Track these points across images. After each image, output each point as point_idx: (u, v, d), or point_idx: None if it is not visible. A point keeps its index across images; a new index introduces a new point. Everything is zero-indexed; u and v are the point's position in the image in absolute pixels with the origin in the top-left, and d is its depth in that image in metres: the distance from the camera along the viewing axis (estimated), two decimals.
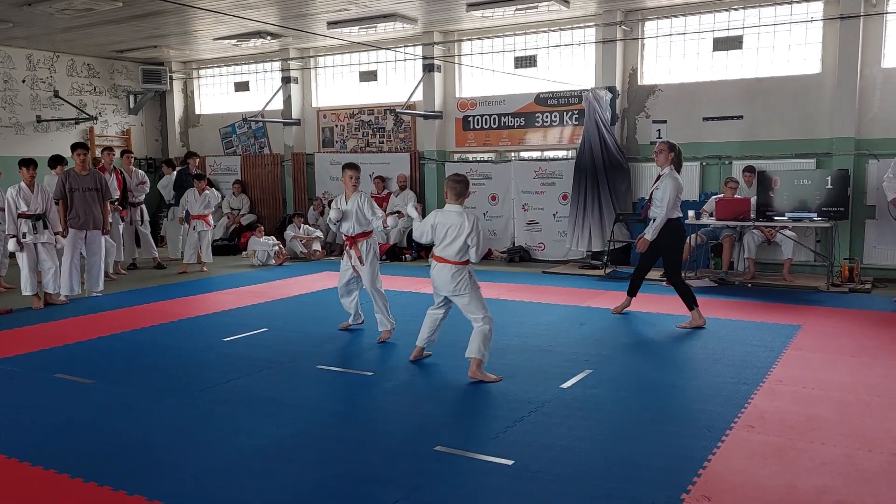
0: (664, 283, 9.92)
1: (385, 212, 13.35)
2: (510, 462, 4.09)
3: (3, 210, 9.15)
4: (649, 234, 7.40)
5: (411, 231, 13.03)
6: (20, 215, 8.72)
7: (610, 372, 5.85)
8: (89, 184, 9.30)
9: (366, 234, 7.08)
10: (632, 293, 8.07)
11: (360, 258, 6.97)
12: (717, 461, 4.07)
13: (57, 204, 9.11)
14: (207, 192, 11.85)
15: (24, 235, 8.76)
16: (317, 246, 13.31)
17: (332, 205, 7.13)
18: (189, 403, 5.24)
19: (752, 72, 10.85)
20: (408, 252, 12.99)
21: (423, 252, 13.05)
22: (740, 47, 10.92)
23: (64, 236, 9.12)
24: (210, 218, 11.88)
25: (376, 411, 5.15)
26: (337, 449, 4.40)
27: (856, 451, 4.22)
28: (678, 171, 7.42)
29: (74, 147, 9.41)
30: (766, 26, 10.65)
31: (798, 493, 3.71)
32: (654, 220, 7.36)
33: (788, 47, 10.62)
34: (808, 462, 4.10)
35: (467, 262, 5.72)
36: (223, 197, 14.74)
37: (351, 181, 7.05)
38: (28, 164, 8.84)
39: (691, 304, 7.37)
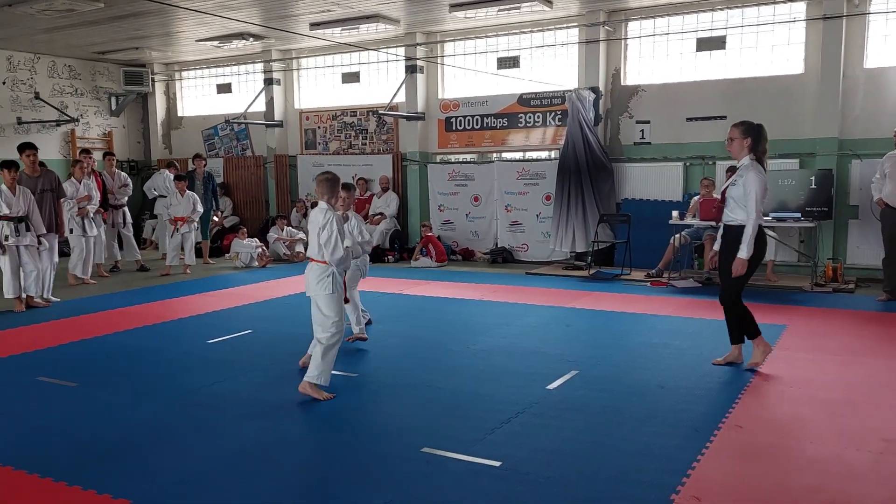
0: (649, 284, 9.98)
1: (368, 214, 13.39)
2: (498, 464, 4.06)
3: None
4: (744, 251, 5.56)
5: (394, 233, 13.14)
6: (1, 218, 8.60)
7: (596, 373, 5.84)
8: (43, 185, 9.17)
9: None
10: (741, 339, 5.99)
11: None
12: (706, 461, 4.07)
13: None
14: (190, 194, 11.75)
15: (6, 238, 8.63)
16: (300, 248, 13.22)
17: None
18: (173, 406, 5.18)
19: (736, 72, 10.90)
20: (390, 254, 12.95)
21: (405, 254, 13.02)
22: (723, 48, 10.97)
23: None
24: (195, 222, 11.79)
25: (361, 413, 5.11)
26: (322, 451, 4.37)
27: (844, 449, 4.23)
28: (762, 162, 5.73)
29: (22, 148, 9.24)
30: (749, 27, 10.71)
31: (789, 493, 3.71)
32: (745, 227, 5.57)
33: (772, 48, 10.68)
34: (798, 461, 4.10)
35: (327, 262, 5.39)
36: (220, 209, 14.63)
37: (340, 202, 6.74)
38: (9, 165, 8.69)
39: (751, 332, 5.91)
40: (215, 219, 13.84)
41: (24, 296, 8.83)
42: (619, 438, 4.45)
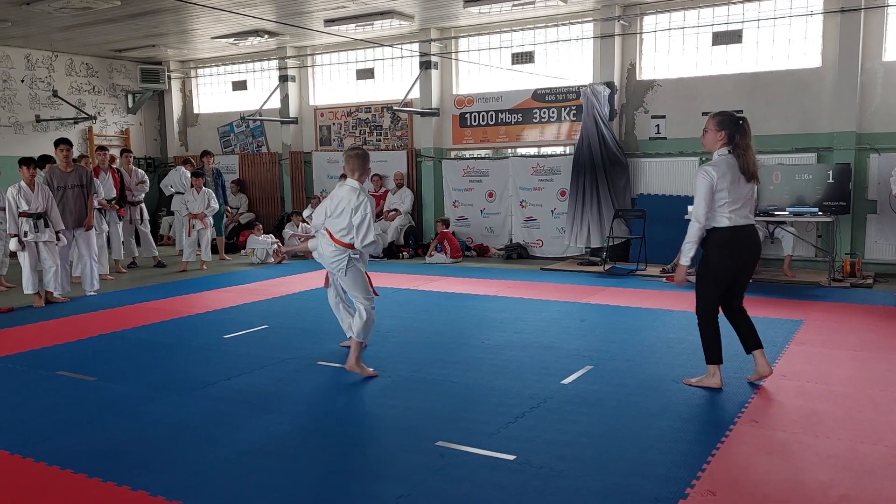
0: (664, 280, 9.95)
1: (383, 210, 13.43)
2: (512, 457, 4.07)
3: (4, 209, 9.12)
4: (683, 255, 5.23)
5: (408, 229, 13.16)
6: (21, 214, 8.70)
7: (611, 367, 5.84)
8: (74, 181, 9.27)
9: None
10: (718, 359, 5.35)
11: None
12: (721, 456, 4.06)
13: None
14: (206, 191, 11.83)
15: (26, 234, 8.73)
16: None
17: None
18: (190, 400, 5.23)
19: (752, 66, 10.84)
20: (405, 250, 12.97)
21: (419, 250, 13.04)
22: (740, 42, 10.91)
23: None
24: (209, 218, 11.86)
25: (377, 407, 5.14)
26: (338, 445, 4.39)
27: (860, 444, 4.21)
28: (744, 157, 5.06)
29: (57, 143, 9.36)
30: (765, 20, 10.64)
31: (803, 488, 3.70)
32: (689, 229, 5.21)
33: (788, 41, 10.60)
34: (813, 456, 4.09)
35: (351, 246, 5.46)
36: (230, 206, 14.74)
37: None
38: (28, 163, 8.81)
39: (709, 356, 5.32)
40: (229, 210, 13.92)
41: (42, 292, 8.93)
42: (634, 433, 4.45)
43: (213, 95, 16.79)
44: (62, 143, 9.33)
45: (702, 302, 5.25)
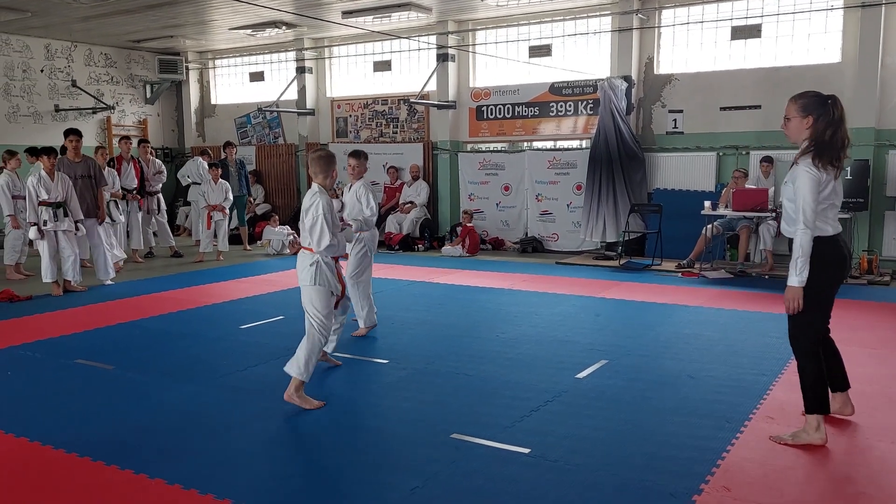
0: (680, 275, 9.91)
1: (398, 202, 13.45)
2: (527, 451, 4.08)
3: (24, 198, 9.21)
4: (792, 276, 4.15)
5: (424, 221, 13.17)
6: (40, 203, 8.77)
7: (626, 362, 5.84)
8: (82, 171, 9.33)
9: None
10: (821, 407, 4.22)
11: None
12: (736, 452, 4.05)
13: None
14: (222, 182, 11.90)
15: (45, 223, 8.81)
16: None
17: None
18: (206, 390, 5.27)
19: (771, 61, 10.75)
20: (420, 242, 12.98)
21: (435, 242, 13.05)
22: (759, 36, 10.82)
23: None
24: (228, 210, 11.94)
25: (391, 399, 5.16)
26: (352, 436, 4.42)
27: (876, 442, 4.19)
28: (835, 152, 4.17)
29: (67, 133, 9.42)
30: (785, 15, 10.54)
31: (818, 484, 3.69)
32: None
33: (808, 36, 10.51)
34: (829, 453, 4.07)
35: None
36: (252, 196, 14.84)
37: (349, 169, 6.74)
38: (48, 152, 8.88)
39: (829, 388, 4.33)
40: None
41: (61, 280, 9.02)
42: (649, 428, 4.45)
43: (231, 86, 16.85)
44: (72, 133, 9.40)
45: (807, 334, 4.18)
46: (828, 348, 4.38)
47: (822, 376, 4.19)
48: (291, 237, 12.67)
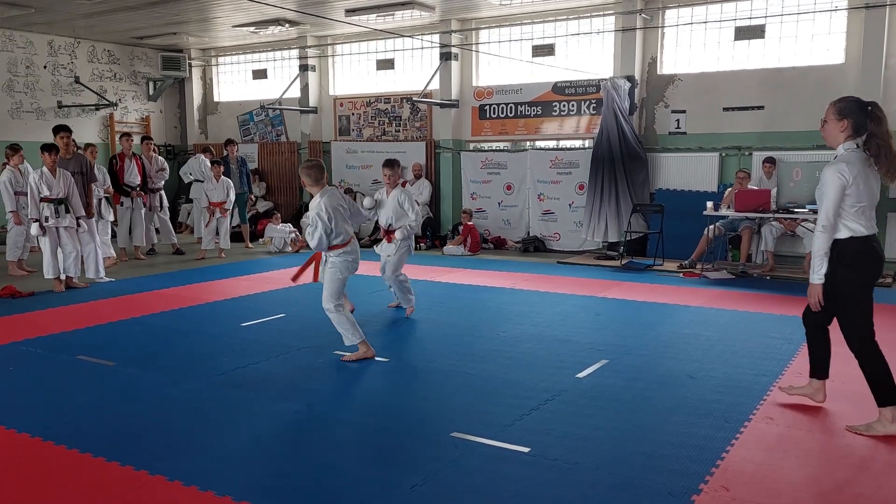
0: (681, 275, 9.91)
1: None
2: (527, 449, 4.09)
3: (26, 194, 9.22)
4: (813, 273, 4.47)
5: (426, 220, 13.18)
6: (42, 199, 8.79)
7: (626, 362, 5.84)
8: (73, 168, 9.33)
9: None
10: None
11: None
12: (736, 452, 4.06)
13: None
14: (224, 179, 11.91)
15: (47, 219, 8.83)
16: None
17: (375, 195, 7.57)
18: (208, 387, 5.28)
19: (774, 62, 10.74)
20: (422, 241, 12.99)
21: (437, 241, 13.06)
22: (762, 37, 10.81)
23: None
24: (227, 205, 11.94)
25: (392, 397, 5.17)
26: (353, 434, 4.43)
27: (876, 444, 4.19)
28: (882, 150, 4.26)
29: (57, 130, 9.41)
30: (788, 15, 10.54)
31: (818, 486, 3.69)
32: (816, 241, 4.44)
33: (812, 37, 10.50)
34: (829, 455, 4.08)
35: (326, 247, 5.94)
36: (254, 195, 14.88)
37: (385, 178, 7.42)
38: (50, 149, 8.90)
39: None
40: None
41: (63, 276, 9.03)
42: (648, 427, 4.46)
43: (234, 84, 16.86)
44: (62, 130, 9.40)
45: (858, 330, 4.41)
46: (822, 337, 4.70)
47: (886, 369, 4.34)
48: (293, 235, 12.68)
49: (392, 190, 7.34)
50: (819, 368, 4.78)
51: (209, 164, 12.42)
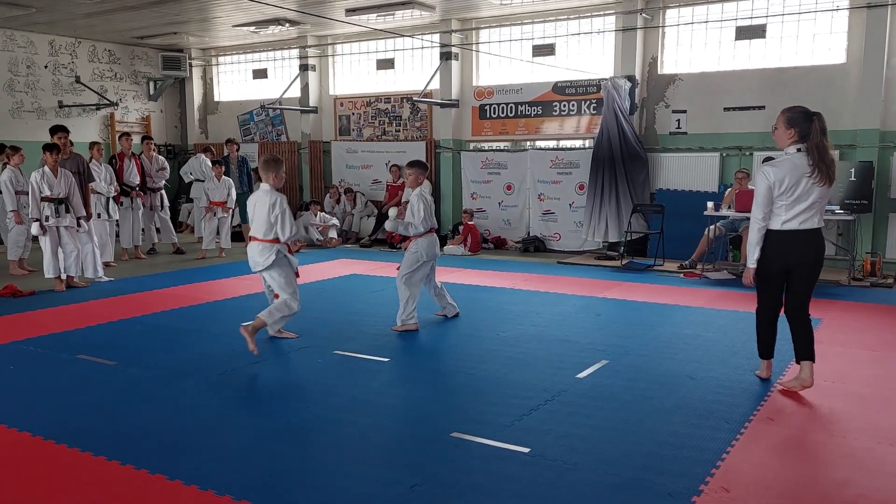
0: (682, 275, 9.91)
1: (400, 201, 13.44)
2: (526, 450, 4.09)
3: (27, 194, 9.22)
4: (747, 257, 5.28)
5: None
6: (43, 199, 8.79)
7: (626, 362, 5.84)
8: (71, 167, 9.32)
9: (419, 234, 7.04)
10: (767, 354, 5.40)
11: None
12: (736, 453, 4.06)
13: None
14: (225, 179, 11.91)
15: (47, 219, 8.83)
16: (333, 234, 13.35)
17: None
18: (208, 386, 5.28)
19: (775, 62, 10.73)
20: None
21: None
22: (763, 36, 10.81)
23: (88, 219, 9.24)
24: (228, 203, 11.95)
25: (392, 397, 5.17)
26: (353, 434, 4.42)
27: (876, 444, 4.19)
28: (818, 152, 4.93)
29: (54, 130, 9.41)
30: (790, 15, 10.53)
31: (818, 486, 3.69)
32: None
33: (813, 37, 10.49)
34: (829, 455, 4.07)
35: (276, 240, 6.14)
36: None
37: (406, 179, 7.47)
38: (51, 148, 8.90)
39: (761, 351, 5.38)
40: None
41: (63, 276, 9.03)
42: (648, 428, 4.45)
43: (234, 83, 16.86)
44: (59, 130, 9.41)
45: (757, 301, 5.27)
46: (794, 321, 5.10)
47: (767, 332, 5.20)
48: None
49: (414, 190, 7.16)
50: (804, 353, 5.08)
51: (210, 164, 12.42)
